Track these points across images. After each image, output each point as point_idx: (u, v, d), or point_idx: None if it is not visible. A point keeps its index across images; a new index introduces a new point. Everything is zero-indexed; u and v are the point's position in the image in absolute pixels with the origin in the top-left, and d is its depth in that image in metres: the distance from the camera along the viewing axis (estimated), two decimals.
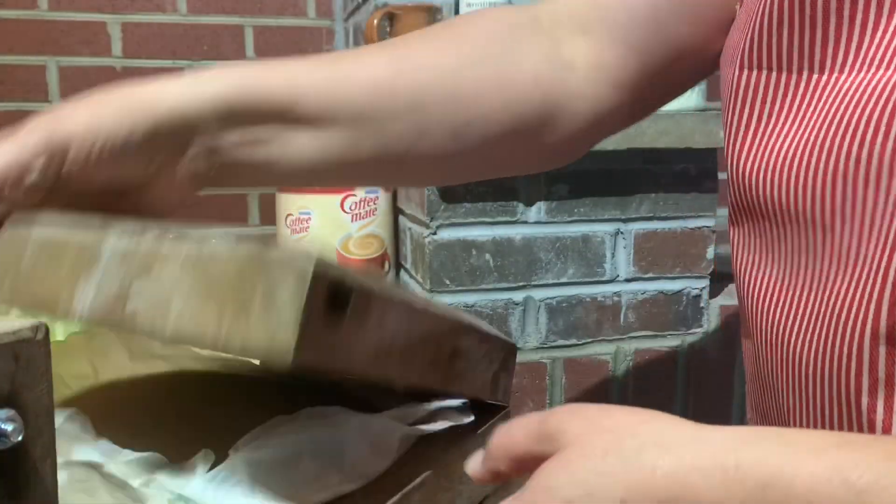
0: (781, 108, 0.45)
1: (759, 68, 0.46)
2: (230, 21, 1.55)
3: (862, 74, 0.41)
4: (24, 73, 1.46)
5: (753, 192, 0.47)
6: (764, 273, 0.48)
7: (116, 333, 0.57)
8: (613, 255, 1.12)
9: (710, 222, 1.14)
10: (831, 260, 0.43)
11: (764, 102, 0.46)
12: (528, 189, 1.08)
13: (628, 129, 1.03)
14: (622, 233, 1.12)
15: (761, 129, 0.46)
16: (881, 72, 0.40)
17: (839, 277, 0.42)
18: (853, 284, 0.41)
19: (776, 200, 0.45)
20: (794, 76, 0.44)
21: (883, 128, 0.39)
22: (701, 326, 1.17)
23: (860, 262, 0.41)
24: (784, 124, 0.45)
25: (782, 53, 0.45)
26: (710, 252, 1.15)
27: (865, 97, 0.40)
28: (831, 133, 0.42)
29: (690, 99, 1.09)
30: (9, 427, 0.29)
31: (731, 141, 0.49)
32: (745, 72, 0.47)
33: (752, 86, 0.47)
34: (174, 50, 1.53)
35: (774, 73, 0.45)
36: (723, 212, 0.57)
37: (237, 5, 1.55)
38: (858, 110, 0.40)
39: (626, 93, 0.56)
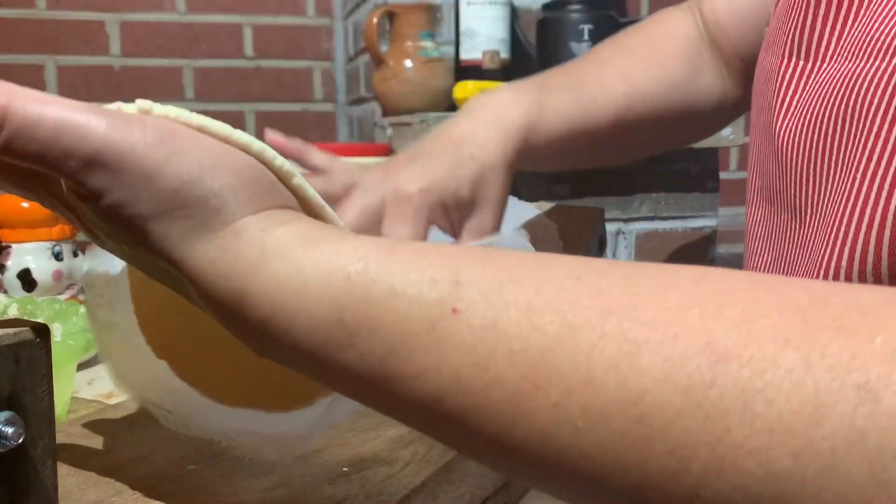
0: (784, 94, 0.45)
1: (775, 55, 0.47)
2: (229, 19, 1.55)
3: (835, 65, 0.41)
4: (23, 72, 1.46)
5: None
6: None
7: None
8: (615, 255, 1.12)
9: (711, 222, 1.14)
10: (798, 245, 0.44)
11: (774, 88, 0.47)
12: (530, 188, 1.07)
13: None
14: (623, 232, 1.11)
15: (773, 114, 0.47)
16: (847, 63, 0.40)
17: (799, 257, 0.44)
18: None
19: (771, 187, 0.47)
20: (794, 62, 0.45)
21: (845, 121, 0.39)
22: None
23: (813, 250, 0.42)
24: (782, 109, 0.46)
25: (788, 40, 0.45)
26: (712, 252, 1.15)
27: (834, 89, 0.40)
28: (806, 125, 0.42)
29: None
30: (9, 429, 0.29)
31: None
32: (768, 57, 0.48)
33: (764, 72, 0.49)
34: (173, 49, 1.53)
35: (785, 61, 0.46)
36: (725, 211, 0.57)
37: (236, 4, 1.55)
38: (826, 103, 0.41)
39: (741, 90, 0.66)
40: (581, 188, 1.08)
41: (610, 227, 1.10)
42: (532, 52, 1.30)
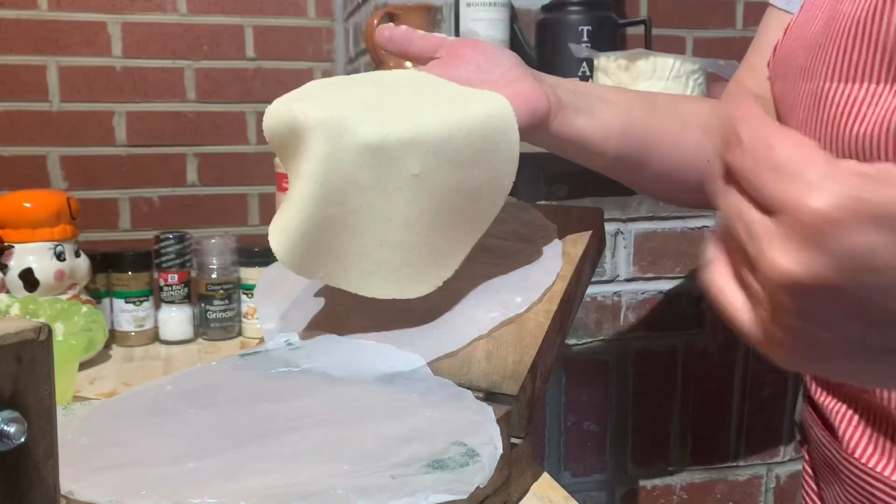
0: (850, 108, 0.46)
1: (813, 81, 0.48)
2: (230, 21, 1.55)
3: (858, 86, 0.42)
4: (25, 73, 1.46)
5: None
6: None
7: None
8: (613, 255, 1.12)
9: (710, 222, 1.14)
10: None
11: (831, 105, 0.48)
12: (528, 189, 1.08)
13: None
14: (622, 232, 1.12)
15: (839, 124, 0.48)
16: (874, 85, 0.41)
17: None
18: None
19: None
20: (843, 86, 0.46)
21: (877, 140, 0.40)
22: (701, 326, 1.17)
23: None
24: (855, 121, 0.47)
25: (828, 69, 0.46)
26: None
27: (860, 109, 0.41)
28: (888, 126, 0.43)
29: None
30: (11, 428, 0.29)
31: None
32: (806, 84, 0.50)
33: (811, 94, 0.50)
34: (174, 50, 1.53)
35: (833, 84, 0.47)
36: None
37: (237, 5, 1.55)
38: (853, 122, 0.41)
39: None
40: (580, 188, 1.09)
41: (609, 227, 1.10)
42: (531, 53, 1.30)
